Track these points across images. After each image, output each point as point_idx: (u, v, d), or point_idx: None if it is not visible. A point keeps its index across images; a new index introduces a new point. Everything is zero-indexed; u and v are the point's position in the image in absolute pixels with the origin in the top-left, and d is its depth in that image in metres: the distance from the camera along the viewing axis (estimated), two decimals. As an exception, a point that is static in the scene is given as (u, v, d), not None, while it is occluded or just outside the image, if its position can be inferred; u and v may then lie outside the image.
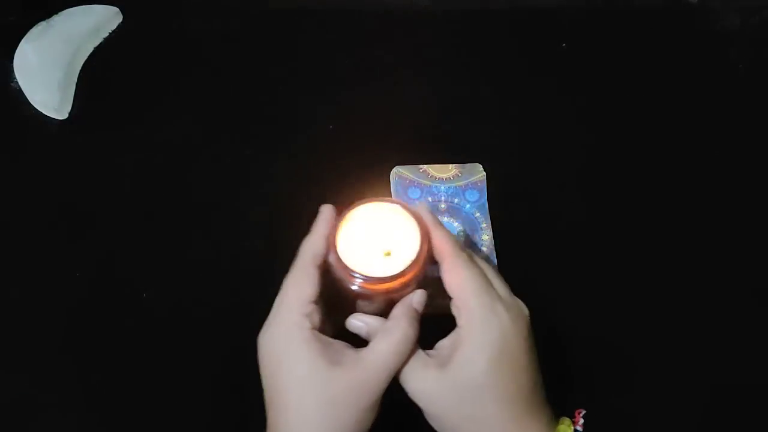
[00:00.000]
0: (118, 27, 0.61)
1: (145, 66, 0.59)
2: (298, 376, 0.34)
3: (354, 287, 0.36)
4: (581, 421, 0.37)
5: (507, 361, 0.34)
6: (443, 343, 0.36)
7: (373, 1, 0.64)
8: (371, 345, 0.35)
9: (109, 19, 0.61)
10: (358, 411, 0.33)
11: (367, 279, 0.35)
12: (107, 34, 0.61)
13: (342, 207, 0.38)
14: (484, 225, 0.50)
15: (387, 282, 0.36)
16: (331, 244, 0.37)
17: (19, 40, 0.58)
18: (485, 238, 0.49)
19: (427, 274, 0.37)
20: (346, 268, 0.36)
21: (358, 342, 0.36)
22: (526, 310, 0.37)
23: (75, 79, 0.57)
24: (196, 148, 0.54)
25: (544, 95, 0.59)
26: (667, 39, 0.63)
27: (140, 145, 0.54)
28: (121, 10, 0.61)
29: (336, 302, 0.38)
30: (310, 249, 0.37)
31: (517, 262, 0.48)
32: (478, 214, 0.50)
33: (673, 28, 0.63)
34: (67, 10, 0.60)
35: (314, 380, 0.33)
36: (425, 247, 0.36)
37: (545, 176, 0.54)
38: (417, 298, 0.37)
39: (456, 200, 0.51)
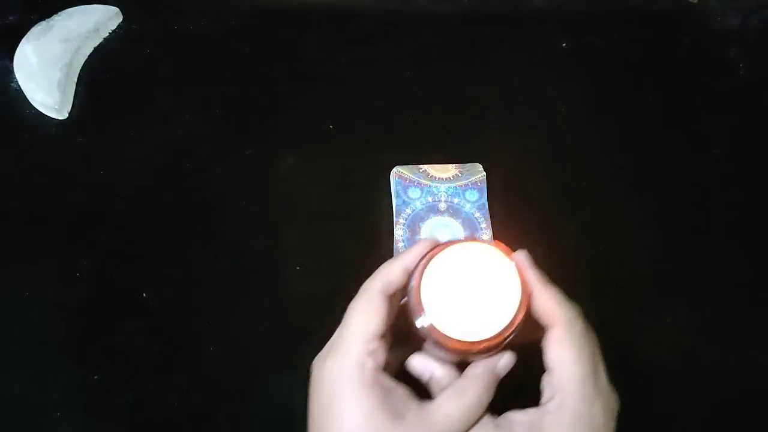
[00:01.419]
0: (118, 27, 0.61)
1: (145, 66, 0.59)
2: (351, 424, 0.30)
3: (430, 338, 0.31)
4: None
5: None
6: (519, 418, 0.32)
7: (373, 1, 0.64)
8: (438, 402, 0.31)
9: (109, 19, 0.61)
10: None
11: (446, 338, 0.31)
12: (107, 34, 0.61)
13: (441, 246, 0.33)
14: (484, 225, 0.50)
15: (468, 345, 0.31)
16: (414, 279, 0.32)
17: (19, 40, 0.58)
18: (485, 238, 0.49)
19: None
20: (422, 314, 0.31)
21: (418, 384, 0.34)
22: (618, 405, 0.32)
23: (75, 79, 0.57)
24: (196, 148, 0.54)
25: (544, 95, 0.59)
26: (667, 39, 0.63)
27: (140, 145, 0.54)
28: (121, 10, 0.61)
29: (404, 334, 0.34)
30: (383, 276, 0.33)
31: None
32: (478, 214, 0.50)
33: (673, 28, 0.63)
34: (67, 10, 0.60)
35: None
36: (521, 315, 0.31)
37: (545, 176, 0.54)
38: (504, 361, 0.33)
39: (456, 200, 0.51)
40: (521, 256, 0.33)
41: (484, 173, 0.52)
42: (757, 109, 0.59)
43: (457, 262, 0.33)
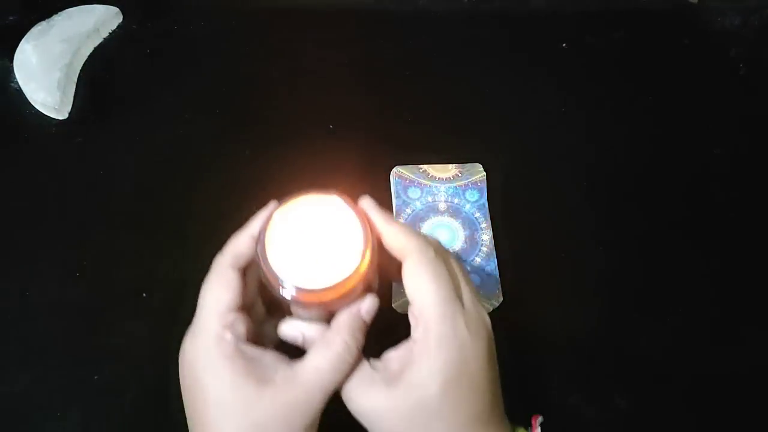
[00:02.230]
0: (118, 27, 0.61)
1: (145, 66, 0.59)
2: (216, 397, 0.30)
3: (285, 297, 0.31)
4: (538, 429, 0.35)
5: (464, 384, 0.30)
6: (392, 355, 0.32)
7: (373, 1, 0.64)
8: (305, 359, 0.31)
9: (109, 19, 0.61)
10: None
11: (298, 290, 0.31)
12: (107, 34, 0.61)
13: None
14: (484, 225, 0.50)
15: (322, 293, 0.31)
16: (259, 244, 0.32)
17: (19, 40, 0.58)
18: (485, 238, 0.49)
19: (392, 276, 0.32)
20: (273, 275, 0.31)
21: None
22: (488, 323, 0.32)
23: (75, 79, 0.57)
24: (196, 148, 0.54)
25: (545, 95, 0.59)
26: (667, 39, 0.63)
27: (140, 145, 0.54)
28: (121, 10, 0.61)
29: (276, 304, 0.33)
30: (230, 249, 0.33)
31: (517, 262, 0.48)
32: (478, 214, 0.50)
33: (673, 28, 0.63)
34: (67, 10, 0.60)
35: (236, 404, 0.29)
36: (368, 253, 0.31)
37: (545, 176, 0.54)
38: (366, 305, 0.33)
39: (456, 200, 0.51)
40: (365, 200, 0.33)
41: (484, 173, 0.52)
42: (757, 109, 0.59)
43: (299, 217, 0.33)
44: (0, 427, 0.43)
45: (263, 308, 0.34)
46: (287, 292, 0.31)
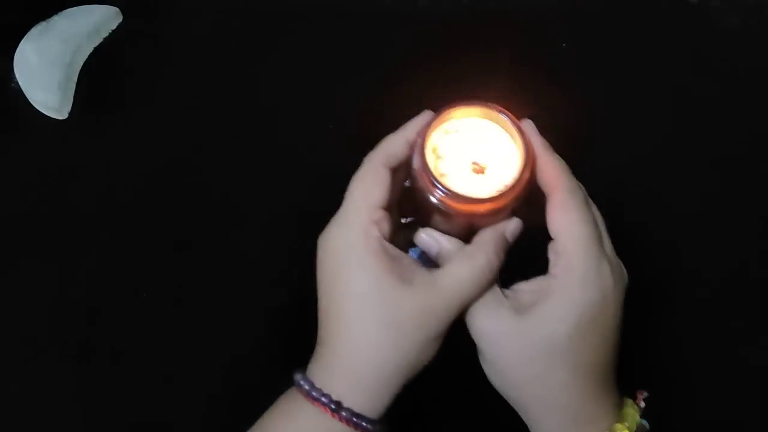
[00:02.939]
0: (118, 27, 0.61)
1: (145, 66, 0.59)
2: (359, 290, 0.30)
3: (434, 200, 0.30)
4: (642, 404, 0.33)
5: (597, 329, 0.30)
6: (524, 287, 0.32)
7: (373, 1, 0.64)
8: (448, 267, 0.31)
9: (109, 19, 0.61)
10: (423, 339, 0.29)
11: (451, 195, 0.30)
12: (107, 34, 0.61)
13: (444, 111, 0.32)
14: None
15: (474, 204, 0.30)
16: (417, 147, 0.31)
17: (19, 40, 0.58)
18: (485, 238, 0.49)
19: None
20: (429, 175, 0.30)
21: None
22: (626, 276, 0.32)
23: (75, 79, 0.57)
24: (196, 148, 0.54)
25: (544, 95, 0.58)
26: (667, 39, 0.63)
27: (140, 145, 0.54)
28: (121, 10, 0.61)
29: (414, 218, 0.33)
30: (384, 148, 0.33)
31: (516, 262, 0.48)
32: (478, 214, 0.50)
33: (673, 27, 0.63)
34: (67, 10, 0.60)
35: (378, 298, 0.29)
36: (526, 174, 0.31)
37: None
38: (512, 226, 0.33)
39: (456, 200, 0.51)
40: (526, 122, 0.33)
41: (485, 173, 0.52)
42: (757, 109, 0.59)
43: (458, 126, 0.32)
44: (0, 428, 0.43)
45: (397, 218, 0.33)
46: (438, 194, 0.30)
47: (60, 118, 0.55)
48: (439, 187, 0.30)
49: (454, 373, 0.34)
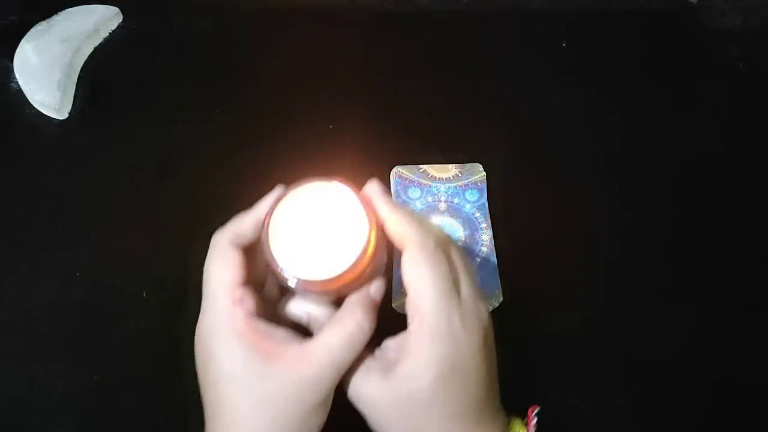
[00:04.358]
0: (118, 27, 0.61)
1: (145, 66, 0.59)
2: (227, 372, 0.30)
3: (290, 285, 0.31)
4: (534, 420, 0.35)
5: (457, 377, 0.30)
6: (390, 344, 0.32)
7: (374, 1, 0.64)
8: (319, 336, 0.31)
9: (109, 19, 0.61)
10: (300, 411, 0.30)
11: (302, 280, 0.30)
12: (107, 34, 0.61)
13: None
14: (484, 225, 0.50)
15: (324, 284, 0.30)
16: (263, 235, 0.31)
17: (19, 40, 0.58)
18: (485, 238, 0.49)
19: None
20: (276, 265, 0.31)
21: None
22: (485, 316, 0.32)
23: (75, 79, 0.57)
24: (196, 148, 0.54)
25: (544, 95, 0.59)
26: (667, 39, 0.63)
27: (140, 145, 0.54)
28: (121, 10, 0.61)
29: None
30: (232, 228, 0.33)
31: (517, 262, 0.48)
32: (478, 214, 0.50)
33: (673, 28, 0.63)
34: (67, 10, 0.60)
35: (246, 377, 0.29)
36: (371, 243, 0.31)
37: (545, 176, 0.54)
38: (375, 288, 0.33)
39: (456, 200, 0.51)
40: (371, 186, 0.33)
41: (484, 173, 0.52)
42: (757, 109, 0.59)
43: (303, 204, 0.32)
44: (0, 428, 0.43)
45: (276, 288, 0.34)
46: (291, 282, 0.31)
47: (60, 118, 0.55)
48: (287, 276, 0.30)
49: None
